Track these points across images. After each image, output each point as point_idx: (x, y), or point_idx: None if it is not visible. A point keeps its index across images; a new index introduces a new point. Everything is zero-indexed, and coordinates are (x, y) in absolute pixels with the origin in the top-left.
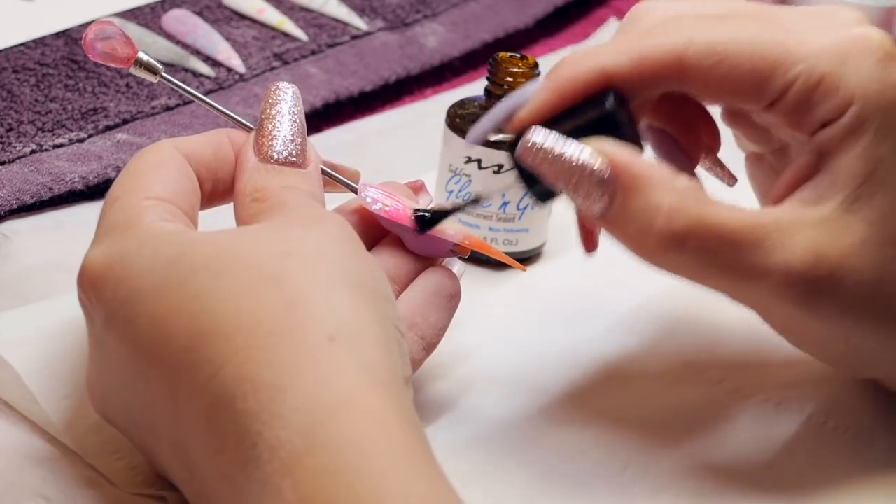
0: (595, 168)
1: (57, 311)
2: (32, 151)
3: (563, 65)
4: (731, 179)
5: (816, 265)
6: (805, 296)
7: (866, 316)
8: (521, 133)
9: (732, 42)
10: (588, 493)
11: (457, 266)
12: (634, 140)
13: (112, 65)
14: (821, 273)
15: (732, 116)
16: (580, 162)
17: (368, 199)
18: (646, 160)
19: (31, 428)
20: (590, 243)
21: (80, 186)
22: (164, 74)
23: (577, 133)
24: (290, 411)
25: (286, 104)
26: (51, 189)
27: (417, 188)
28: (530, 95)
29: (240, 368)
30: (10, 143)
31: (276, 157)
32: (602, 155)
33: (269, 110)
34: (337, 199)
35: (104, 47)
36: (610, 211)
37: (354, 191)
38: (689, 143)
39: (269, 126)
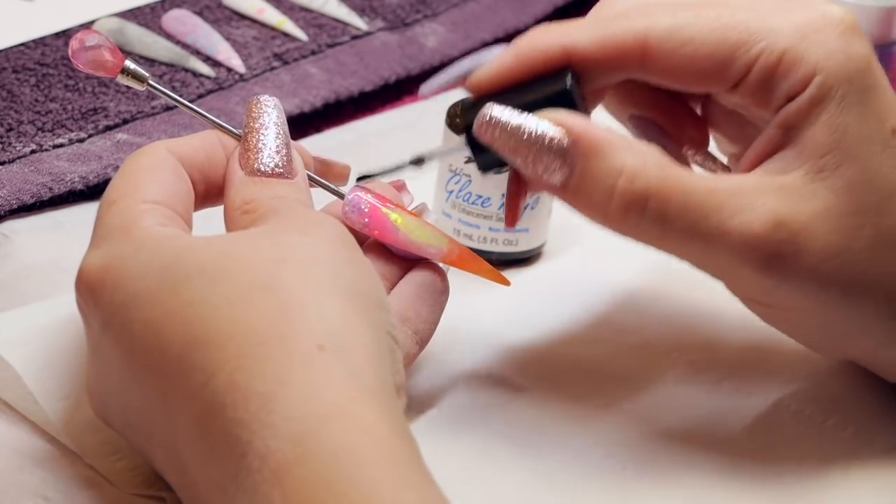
0: (554, 137)
1: (57, 311)
2: (32, 151)
3: (529, 36)
4: (724, 171)
5: (776, 229)
6: (765, 261)
7: (832, 286)
8: (476, 93)
9: (694, 25)
10: (587, 493)
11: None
12: None
13: (99, 74)
14: (781, 237)
15: (709, 114)
16: (538, 132)
17: (353, 217)
18: (603, 127)
19: (30, 428)
20: (513, 218)
21: (80, 186)
22: (151, 82)
23: (531, 107)
24: (279, 420)
25: (269, 116)
26: (51, 189)
27: (399, 187)
28: (491, 57)
29: (231, 377)
30: (10, 143)
31: (262, 169)
32: (560, 125)
33: (252, 124)
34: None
35: (90, 56)
36: (571, 180)
37: (341, 196)
38: (673, 133)
39: (254, 139)
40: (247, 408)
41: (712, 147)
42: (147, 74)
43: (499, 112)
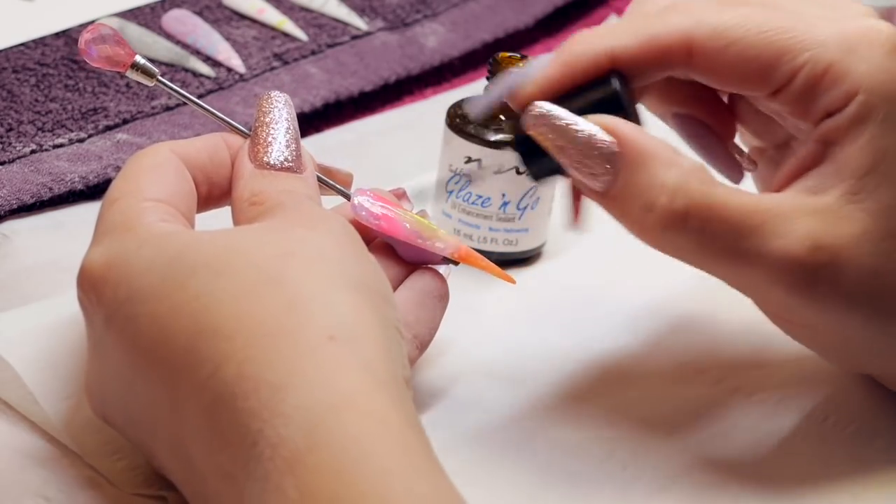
0: (602, 142)
1: (57, 311)
2: (32, 151)
3: (571, 43)
4: (751, 164)
5: (814, 253)
6: (801, 283)
7: (863, 307)
8: (523, 109)
9: (741, 27)
10: (587, 493)
11: (443, 267)
12: (635, 121)
13: (109, 69)
14: (818, 261)
15: (736, 109)
16: (587, 135)
17: (363, 213)
18: (652, 137)
19: (31, 428)
20: (576, 216)
21: (80, 186)
22: (160, 78)
23: (581, 112)
24: (291, 409)
25: (279, 111)
26: (51, 189)
27: (399, 195)
28: (536, 71)
29: (240, 367)
30: (10, 143)
31: (272, 163)
32: (609, 131)
33: (262, 118)
34: (329, 202)
35: (101, 51)
36: (613, 188)
37: (347, 197)
38: (717, 128)
39: (264, 133)
40: (257, 397)
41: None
42: (157, 70)
43: (548, 109)
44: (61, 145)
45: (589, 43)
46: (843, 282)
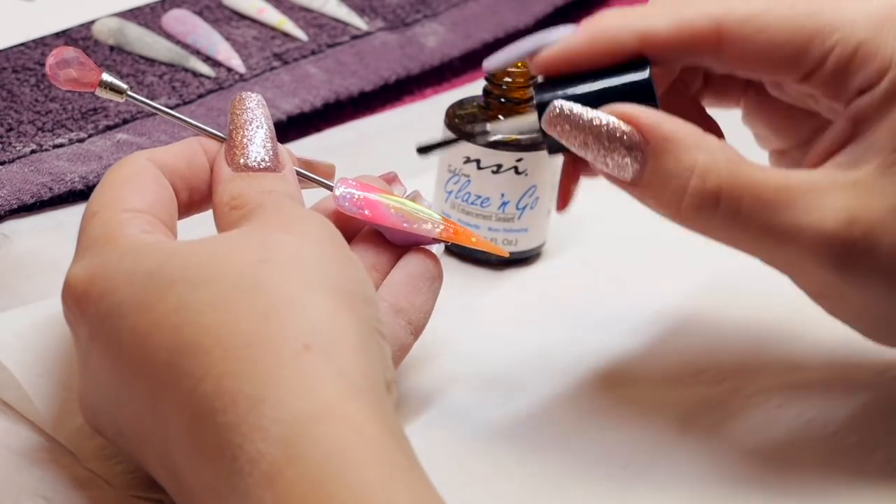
0: (625, 132)
1: (56, 312)
2: (32, 151)
3: (600, 18)
4: None
5: (849, 227)
6: (838, 258)
7: None
8: (541, 72)
9: (770, 12)
10: (587, 492)
11: (435, 246)
12: (656, 107)
13: (77, 90)
14: (854, 235)
15: (756, 107)
16: (609, 128)
17: (346, 204)
18: (675, 119)
19: (30, 428)
20: (563, 202)
21: (80, 186)
22: (130, 93)
23: (607, 95)
24: (269, 423)
25: (252, 112)
26: (51, 189)
27: (390, 179)
28: (559, 38)
29: (219, 381)
30: (10, 143)
31: (249, 164)
32: (630, 121)
33: (235, 120)
34: (315, 196)
35: (66, 75)
36: (641, 176)
37: (330, 188)
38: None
39: (239, 136)
40: (236, 411)
41: (749, 144)
42: (125, 86)
43: (569, 106)
44: (61, 145)
45: (620, 21)
46: (879, 256)
